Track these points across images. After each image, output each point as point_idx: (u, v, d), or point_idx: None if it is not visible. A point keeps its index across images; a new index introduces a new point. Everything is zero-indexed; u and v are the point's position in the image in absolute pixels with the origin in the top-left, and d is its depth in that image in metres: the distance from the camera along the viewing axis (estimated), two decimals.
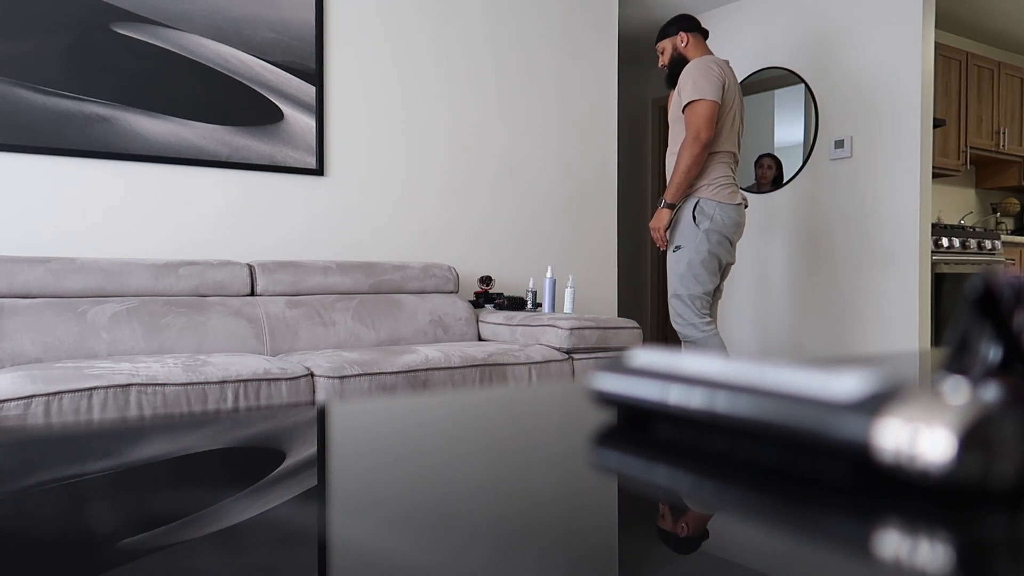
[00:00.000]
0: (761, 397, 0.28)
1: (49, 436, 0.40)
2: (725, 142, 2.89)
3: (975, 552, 0.22)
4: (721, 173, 2.88)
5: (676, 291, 2.91)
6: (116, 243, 2.71)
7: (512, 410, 0.47)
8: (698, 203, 2.87)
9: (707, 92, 2.80)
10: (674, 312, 2.94)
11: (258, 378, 2.12)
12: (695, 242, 2.87)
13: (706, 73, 2.83)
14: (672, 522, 0.26)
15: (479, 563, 0.21)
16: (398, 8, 3.32)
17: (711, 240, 2.86)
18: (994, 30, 4.99)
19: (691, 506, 0.28)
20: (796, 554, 0.22)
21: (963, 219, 5.46)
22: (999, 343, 0.37)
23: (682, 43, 3.01)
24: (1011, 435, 0.24)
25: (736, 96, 2.93)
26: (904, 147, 3.68)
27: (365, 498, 0.27)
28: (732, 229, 2.90)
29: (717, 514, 0.26)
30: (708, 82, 2.81)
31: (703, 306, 2.89)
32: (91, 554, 0.22)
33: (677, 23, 3.04)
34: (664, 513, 0.27)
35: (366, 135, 3.24)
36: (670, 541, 0.24)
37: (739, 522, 0.25)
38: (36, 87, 2.57)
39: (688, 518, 0.27)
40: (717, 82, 2.82)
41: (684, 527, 0.26)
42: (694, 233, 2.87)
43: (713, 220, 2.85)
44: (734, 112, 2.91)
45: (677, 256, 2.91)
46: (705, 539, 0.24)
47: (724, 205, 2.86)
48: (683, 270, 2.89)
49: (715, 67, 2.86)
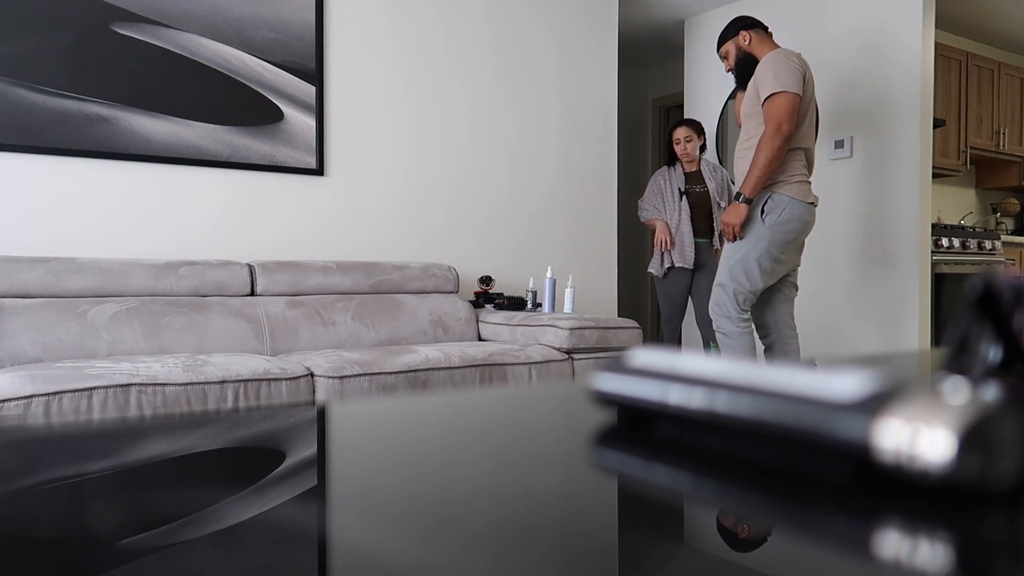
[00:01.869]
0: (761, 397, 0.28)
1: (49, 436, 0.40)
2: (803, 138, 2.79)
3: (975, 552, 0.22)
4: (797, 170, 2.78)
5: (722, 281, 2.83)
6: (116, 243, 2.71)
7: (512, 410, 0.47)
8: (770, 197, 2.76)
9: (788, 84, 2.69)
10: (713, 302, 2.86)
11: (258, 378, 2.12)
12: (756, 236, 2.77)
13: (786, 65, 2.72)
14: (672, 522, 0.26)
15: (479, 563, 0.21)
16: (398, 8, 3.32)
17: (774, 237, 2.76)
18: (994, 30, 4.99)
19: (691, 506, 0.28)
20: (796, 554, 0.22)
21: (963, 219, 5.46)
22: (999, 343, 0.37)
23: (745, 42, 2.91)
24: (1011, 435, 0.24)
25: (813, 91, 2.83)
26: (904, 147, 3.68)
27: (365, 498, 0.27)
28: (801, 227, 2.80)
29: (717, 514, 0.26)
30: (789, 74, 2.70)
31: (745, 302, 2.81)
32: (91, 554, 0.22)
33: (735, 24, 2.96)
34: (664, 513, 0.27)
35: (366, 135, 3.24)
36: (670, 541, 0.24)
37: (739, 522, 0.25)
38: (36, 87, 2.57)
39: (688, 518, 0.27)
40: (798, 73, 2.71)
41: (684, 527, 0.26)
42: (757, 227, 2.77)
43: (781, 216, 2.75)
44: (812, 107, 2.82)
45: (734, 247, 2.82)
46: (705, 539, 0.24)
47: (797, 202, 2.76)
48: (735, 262, 2.79)
49: (796, 59, 2.75)
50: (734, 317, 2.80)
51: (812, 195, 2.82)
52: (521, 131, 3.67)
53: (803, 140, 2.79)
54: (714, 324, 2.89)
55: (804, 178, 2.80)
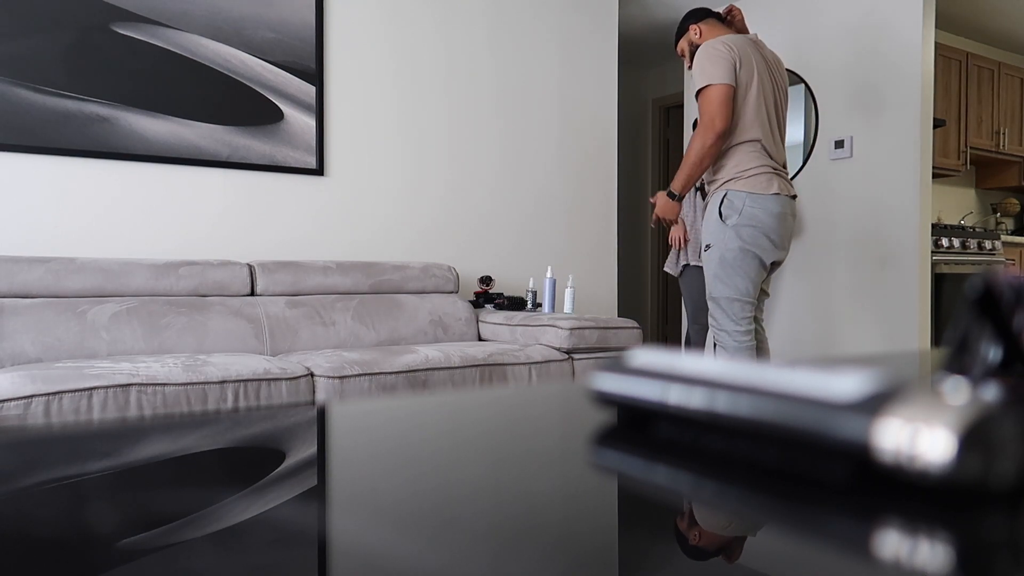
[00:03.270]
0: (761, 397, 0.28)
1: (49, 436, 0.40)
2: (750, 129, 2.57)
3: (975, 552, 0.22)
4: (753, 163, 2.57)
5: (711, 293, 2.64)
6: (116, 243, 2.72)
7: (512, 410, 0.47)
8: (725, 196, 2.58)
9: (714, 76, 2.51)
10: (709, 315, 2.69)
11: (258, 378, 2.12)
12: (722, 239, 2.58)
13: (711, 56, 2.54)
14: (672, 522, 0.26)
15: (479, 563, 0.21)
16: (398, 8, 3.32)
17: (742, 236, 2.55)
18: (994, 30, 4.99)
19: (691, 506, 0.28)
20: (796, 554, 0.22)
21: (963, 219, 5.46)
22: (999, 343, 0.37)
23: (696, 35, 2.75)
24: (1011, 435, 0.24)
25: (766, 76, 2.60)
26: (904, 147, 3.68)
27: (365, 498, 0.27)
28: (770, 221, 2.56)
29: (717, 514, 0.26)
30: (714, 65, 2.53)
31: (741, 311, 2.59)
32: (91, 554, 0.22)
33: (686, 18, 2.81)
34: (664, 513, 0.27)
35: (366, 135, 3.24)
36: (670, 541, 0.24)
37: (739, 522, 0.25)
38: (36, 87, 2.57)
39: (688, 518, 0.27)
40: (726, 63, 2.52)
41: (684, 528, 0.26)
42: (722, 229, 2.58)
43: (743, 214, 2.55)
44: (760, 94, 2.58)
45: (708, 255, 2.64)
46: (705, 540, 0.24)
47: (757, 196, 2.55)
48: (715, 270, 2.62)
49: (722, 47, 2.54)
50: (730, 330, 2.61)
51: (778, 185, 2.58)
52: (521, 131, 3.67)
53: (749, 131, 2.57)
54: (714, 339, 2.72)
55: (763, 169, 2.57)
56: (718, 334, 2.66)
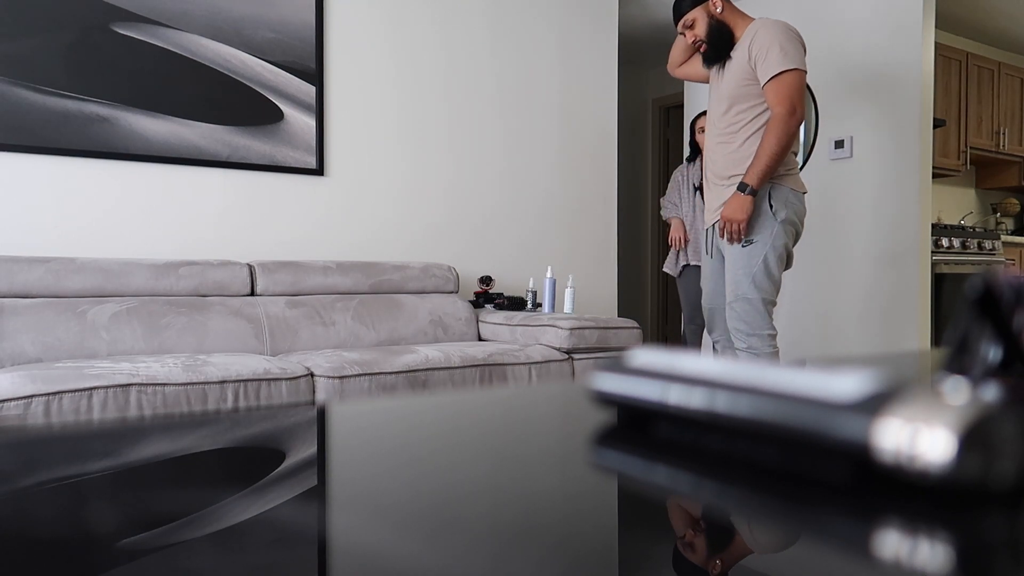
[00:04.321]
0: (761, 397, 0.28)
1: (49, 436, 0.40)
2: None
3: (975, 552, 0.22)
4: (792, 159, 2.50)
5: (746, 294, 2.45)
6: (116, 243, 2.72)
7: (512, 410, 0.47)
8: (774, 188, 2.44)
9: (797, 60, 2.37)
10: (738, 318, 2.47)
11: (258, 378, 2.12)
12: (772, 235, 2.43)
13: (794, 39, 2.40)
14: (672, 522, 0.26)
15: (479, 563, 0.21)
16: (398, 8, 3.32)
17: (787, 233, 2.46)
18: (994, 30, 4.99)
19: (691, 506, 0.28)
20: (796, 554, 0.22)
21: (963, 219, 5.46)
22: (999, 343, 0.37)
23: (717, 8, 2.50)
24: (1011, 435, 0.24)
25: None
26: (904, 147, 3.68)
27: (365, 498, 0.27)
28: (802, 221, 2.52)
29: (717, 514, 0.26)
30: (797, 50, 2.38)
31: (772, 313, 2.47)
32: (91, 554, 0.22)
33: None
34: (664, 513, 0.27)
35: (366, 135, 3.24)
36: (670, 541, 0.24)
37: (739, 522, 0.25)
38: (36, 87, 2.57)
39: (688, 518, 0.27)
40: (803, 49, 2.42)
41: (684, 527, 0.26)
42: (771, 224, 2.43)
43: (790, 209, 2.45)
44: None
45: (749, 252, 2.45)
46: (705, 539, 0.24)
47: (797, 193, 2.48)
48: (757, 268, 2.43)
49: (798, 32, 2.44)
50: (764, 334, 2.44)
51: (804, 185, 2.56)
52: (521, 131, 3.67)
53: None
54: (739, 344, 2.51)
55: (797, 167, 2.55)
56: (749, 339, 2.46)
